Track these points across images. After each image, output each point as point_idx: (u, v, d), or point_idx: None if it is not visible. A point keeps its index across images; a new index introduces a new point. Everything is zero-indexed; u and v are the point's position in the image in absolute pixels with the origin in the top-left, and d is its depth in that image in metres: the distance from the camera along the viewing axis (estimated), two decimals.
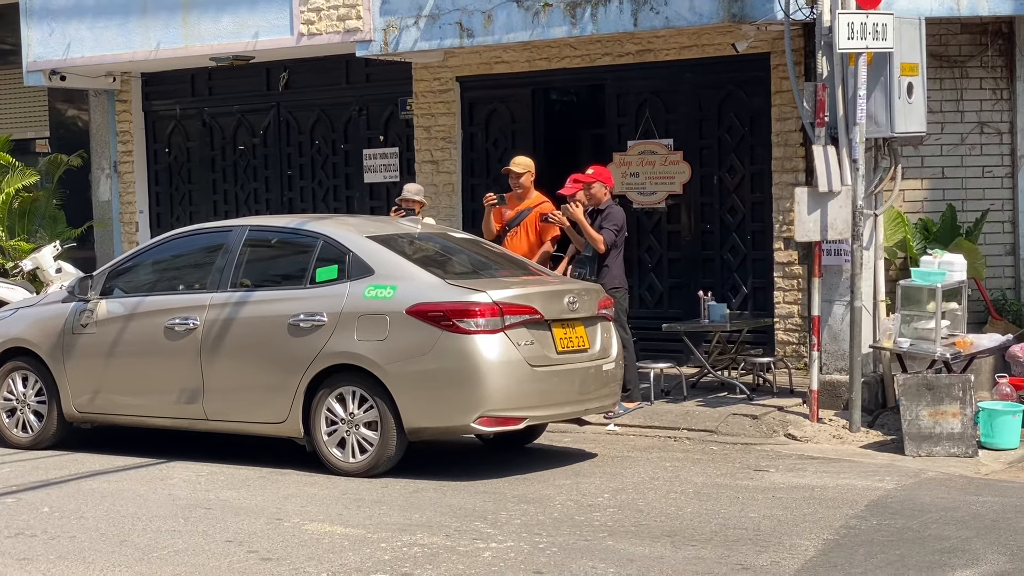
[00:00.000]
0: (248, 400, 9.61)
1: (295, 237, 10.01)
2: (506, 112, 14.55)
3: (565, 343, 9.46)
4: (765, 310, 13.10)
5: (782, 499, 8.48)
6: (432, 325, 8.99)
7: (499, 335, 9.03)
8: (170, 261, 10.56)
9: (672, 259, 13.75)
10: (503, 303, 9.11)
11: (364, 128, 15.51)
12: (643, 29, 12.40)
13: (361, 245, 9.53)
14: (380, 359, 9.07)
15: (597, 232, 11.57)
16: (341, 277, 9.44)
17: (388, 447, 9.12)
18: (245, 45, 14.44)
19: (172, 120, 16.78)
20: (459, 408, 9.01)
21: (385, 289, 9.21)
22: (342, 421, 9.25)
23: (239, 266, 9.88)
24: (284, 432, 9.50)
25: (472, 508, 8.24)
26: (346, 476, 9.15)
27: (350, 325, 9.19)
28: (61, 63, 15.62)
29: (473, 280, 9.49)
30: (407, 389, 9.03)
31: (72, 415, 10.30)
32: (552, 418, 9.82)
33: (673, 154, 13.55)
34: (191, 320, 9.78)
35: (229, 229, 10.27)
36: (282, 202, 15.95)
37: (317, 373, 9.28)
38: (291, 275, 9.85)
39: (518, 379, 9.09)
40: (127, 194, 16.87)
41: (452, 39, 13.17)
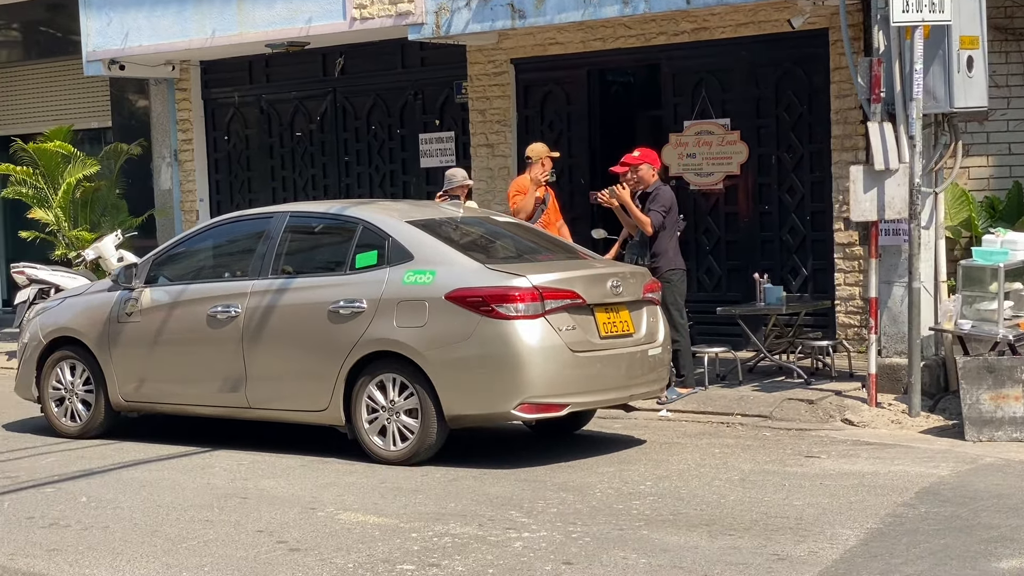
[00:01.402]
0: (289, 388, 9.52)
1: (335, 223, 9.89)
2: (561, 94, 14.37)
3: (609, 328, 9.27)
4: (825, 292, 12.83)
5: (830, 486, 8.23)
6: (471, 311, 8.84)
7: (539, 320, 8.86)
8: (213, 249, 10.50)
9: (730, 241, 13.51)
10: (543, 287, 8.93)
11: (420, 112, 15.41)
12: (696, 7, 12.18)
13: (400, 230, 9.40)
14: (419, 346, 8.94)
15: (645, 215, 11.35)
16: (381, 263, 9.31)
17: (429, 435, 9.00)
18: (299, 31, 14.38)
19: (231, 108, 16.80)
20: (499, 395, 8.85)
21: (424, 274, 9.07)
22: (383, 409, 9.13)
23: (280, 253, 9.79)
24: (325, 420, 9.41)
25: (509, 497, 8.09)
26: (387, 464, 9.04)
27: (389, 311, 9.07)
28: (119, 52, 15.67)
29: (514, 264, 9.32)
30: (447, 376, 8.89)
31: (119, 404, 10.29)
32: (595, 404, 9.63)
33: (730, 134, 13.30)
34: (233, 308, 9.71)
35: (270, 216, 10.18)
36: (339, 188, 15.90)
37: (357, 360, 9.17)
38: (331, 261, 9.75)
39: (559, 365, 8.91)
40: (187, 182, 16.92)
41: (504, 20, 13.01)
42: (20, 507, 8.06)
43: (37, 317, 10.88)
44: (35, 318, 10.90)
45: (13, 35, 18.83)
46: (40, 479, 8.88)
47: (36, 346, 10.65)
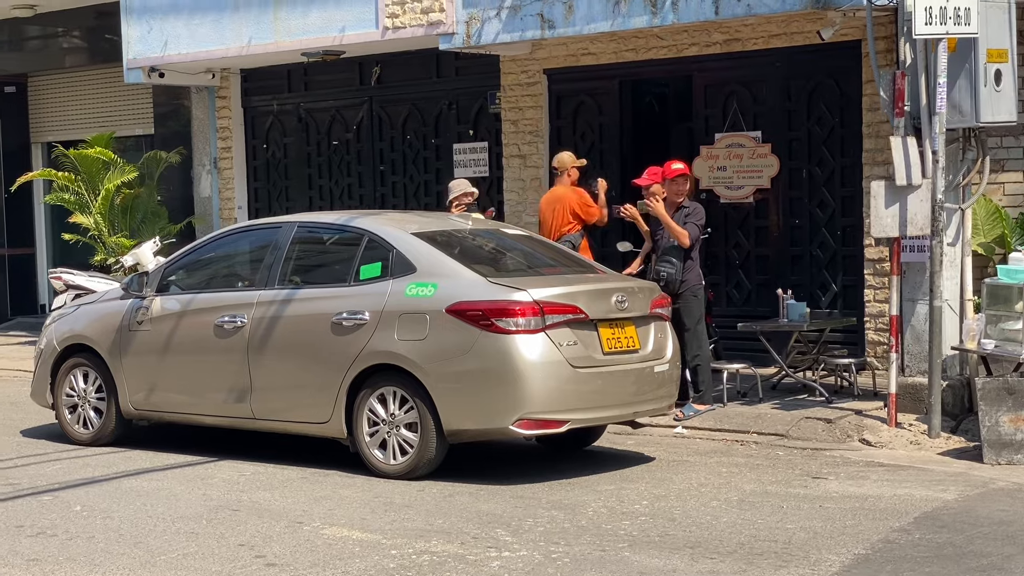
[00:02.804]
0: (293, 400, 9.49)
1: (341, 233, 9.85)
2: (593, 105, 14.26)
3: (613, 343, 9.14)
4: (855, 309, 12.60)
5: (828, 509, 8.06)
6: (471, 324, 8.75)
7: (540, 335, 8.75)
8: (223, 258, 10.51)
9: (760, 255, 13.32)
10: (544, 302, 8.82)
11: (454, 122, 15.37)
12: (724, 17, 11.98)
13: (405, 241, 9.33)
14: (420, 359, 8.87)
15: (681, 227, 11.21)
16: (384, 274, 9.25)
17: (428, 449, 8.92)
18: (332, 40, 14.39)
19: (270, 116, 16.85)
20: (498, 410, 8.75)
21: (426, 287, 9.00)
22: (383, 422, 9.08)
23: (287, 263, 9.77)
24: (327, 432, 9.37)
25: (500, 514, 8.00)
26: (387, 478, 8.99)
27: (391, 324, 9.01)
28: (159, 60, 15.78)
29: (517, 278, 9.22)
30: (446, 390, 8.81)
31: (129, 412, 10.31)
32: (597, 421, 9.50)
33: (761, 147, 13.12)
34: (239, 318, 9.70)
35: (279, 226, 10.16)
36: (375, 198, 15.89)
37: (359, 373, 9.12)
38: (336, 272, 9.69)
39: (559, 380, 8.79)
40: (226, 190, 17.00)
41: (533, 31, 12.92)
42: (12, 515, 8.09)
43: (53, 324, 10.96)
44: (51, 325, 10.98)
45: (59, 42, 19.03)
46: (40, 487, 8.92)
47: (51, 353, 10.71)
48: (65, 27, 18.71)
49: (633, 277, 11.43)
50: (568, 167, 12.54)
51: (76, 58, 18.89)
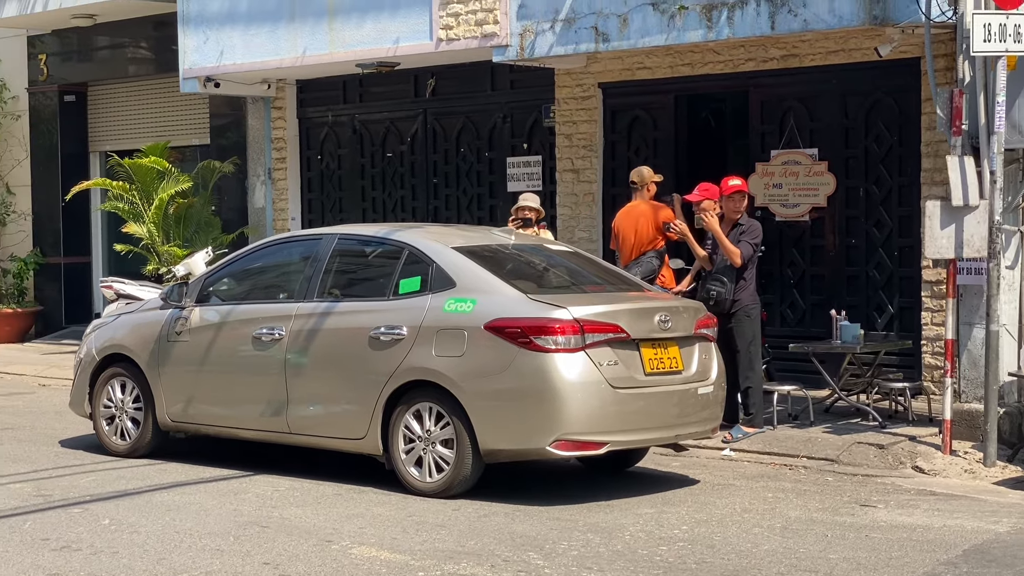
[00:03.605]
0: (329, 415, 9.35)
1: (381, 246, 9.71)
2: (648, 119, 14.05)
3: (655, 364, 8.91)
4: (912, 332, 12.29)
5: (875, 540, 7.79)
6: (509, 342, 8.56)
7: (579, 354, 8.54)
8: (262, 269, 10.38)
9: (815, 275, 13.05)
10: (584, 320, 8.60)
11: (508, 136, 15.22)
12: (780, 32, 11.76)
13: (445, 256, 9.16)
14: (457, 376, 8.69)
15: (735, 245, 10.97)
16: (423, 289, 9.09)
17: (463, 468, 8.74)
18: (386, 51, 14.29)
19: (325, 127, 16.79)
20: (535, 431, 8.55)
21: (465, 303, 8.81)
22: (419, 439, 8.91)
23: (326, 275, 9.62)
24: (363, 448, 9.21)
25: (534, 536, 7.80)
26: (422, 496, 8.83)
27: (429, 340, 8.84)
28: (215, 70, 15.76)
29: (557, 295, 9.01)
30: (483, 409, 8.62)
31: (165, 424, 10.21)
32: (638, 443, 9.27)
33: (818, 164, 12.85)
34: (277, 330, 9.57)
35: (319, 237, 10.03)
36: (427, 210, 15.77)
37: (395, 389, 8.95)
38: (376, 286, 9.54)
39: (599, 401, 8.58)
40: (280, 201, 16.95)
41: (587, 44, 12.74)
42: (39, 528, 7.98)
43: (93, 333, 10.88)
44: (91, 334, 10.90)
45: (118, 52, 19.09)
46: (71, 499, 8.82)
47: (90, 362, 10.64)
48: (124, 37, 18.76)
49: (679, 296, 11.25)
50: (648, 181, 12.35)
51: (134, 68, 18.94)
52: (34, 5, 17.84)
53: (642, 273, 11.77)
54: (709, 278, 11.21)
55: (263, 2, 15.11)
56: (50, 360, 16.73)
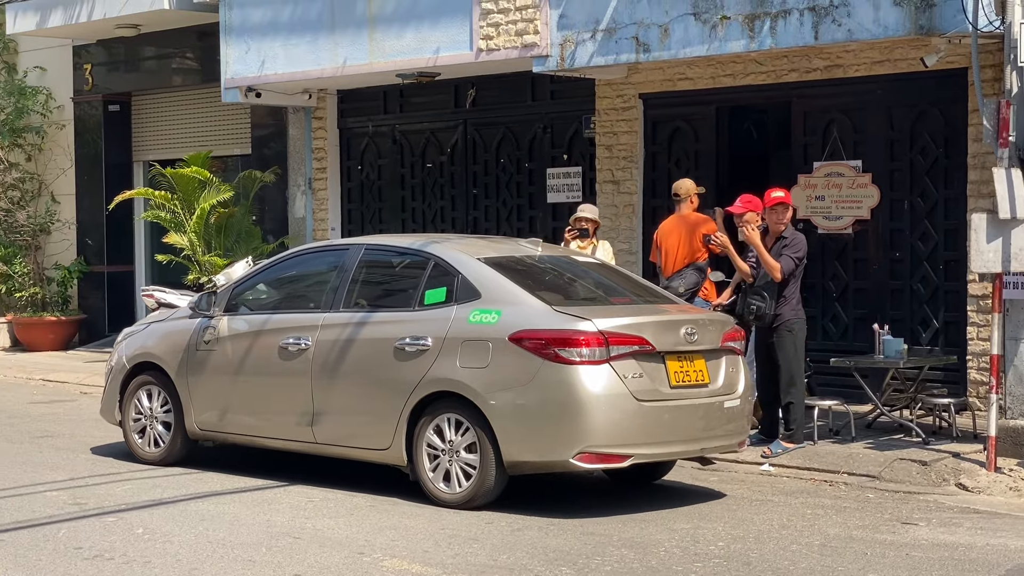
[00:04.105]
0: (355, 425, 9.31)
1: (408, 257, 9.71)
2: (689, 131, 13.94)
3: (680, 377, 8.84)
4: (957, 346, 12.11)
5: (915, 558, 7.64)
6: (534, 353, 8.52)
7: (603, 366, 8.47)
8: (291, 279, 10.39)
9: (858, 289, 12.88)
10: (609, 332, 8.54)
11: (548, 146, 15.15)
12: (824, 43, 11.64)
13: (470, 267, 9.14)
14: (481, 387, 8.65)
15: (775, 259, 10.83)
16: (449, 300, 9.06)
17: (487, 479, 8.69)
18: (426, 61, 14.24)
19: (365, 137, 16.77)
20: (559, 443, 8.49)
21: (490, 314, 8.78)
22: (443, 451, 8.87)
23: (353, 286, 9.61)
24: (388, 459, 9.17)
25: (567, 551, 7.70)
26: (445, 507, 8.78)
27: (453, 351, 8.80)
28: (256, 80, 15.77)
29: (583, 307, 8.96)
30: (506, 421, 8.57)
31: (194, 432, 10.20)
32: (662, 456, 9.20)
33: (861, 176, 12.69)
34: (303, 340, 9.55)
35: (346, 248, 10.05)
36: (467, 221, 15.71)
37: (420, 400, 8.93)
38: (401, 296, 9.55)
39: (623, 414, 8.51)
40: (320, 211, 16.94)
41: (628, 54, 12.67)
42: (74, 536, 7.96)
43: (123, 341, 10.91)
44: (122, 342, 10.93)
45: (162, 62, 19.16)
46: (107, 507, 8.79)
47: (120, 370, 10.66)
48: (168, 47, 18.82)
49: (719, 308, 11.15)
50: (691, 194, 12.24)
51: (178, 78, 19.00)
52: (79, 15, 17.91)
53: (685, 285, 11.71)
54: (750, 292, 11.07)
55: (304, 12, 15.12)
56: (93, 368, 16.77)
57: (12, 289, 19.41)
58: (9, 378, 16.62)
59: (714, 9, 12.00)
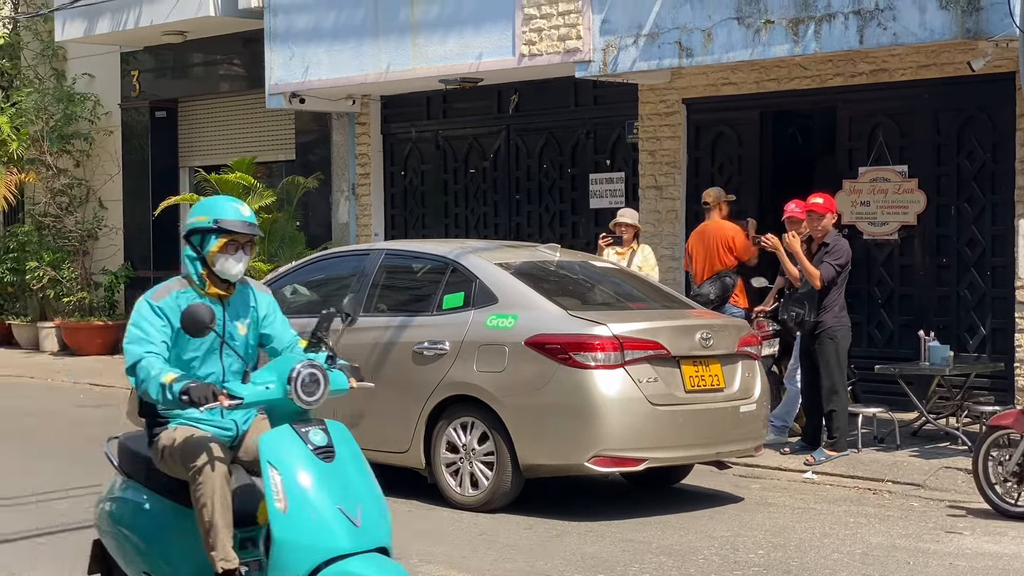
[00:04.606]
0: (374, 428, 9.35)
1: (426, 262, 9.85)
2: (733, 136, 13.85)
3: (696, 381, 8.88)
4: (1005, 353, 11.95)
5: (959, 568, 7.54)
6: (549, 358, 8.60)
7: (618, 371, 8.54)
8: (312, 283, 10.53)
9: (904, 295, 12.74)
10: (624, 337, 8.61)
11: (591, 152, 15.09)
12: (869, 47, 11.52)
13: (488, 272, 9.23)
14: (497, 391, 8.74)
15: (816, 266, 10.73)
16: (467, 304, 9.17)
17: (503, 482, 8.78)
18: (469, 66, 14.23)
19: (408, 143, 16.78)
20: (574, 446, 8.56)
21: (506, 319, 8.88)
22: (460, 453, 8.97)
23: (373, 290, 9.75)
24: (406, 462, 9.28)
25: (605, 558, 7.65)
26: (463, 509, 8.88)
27: (471, 355, 8.90)
28: (300, 86, 15.81)
29: (599, 312, 9.06)
30: (522, 424, 8.67)
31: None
32: (677, 460, 9.23)
33: (907, 182, 12.56)
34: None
35: (367, 252, 10.24)
36: (510, 227, 15.68)
37: (438, 403, 9.04)
38: (420, 301, 9.69)
39: (637, 418, 8.58)
40: (363, 216, 16.96)
41: (671, 59, 12.59)
42: None
43: None
44: None
45: (207, 69, 19.27)
46: None
47: None
48: (214, 54, 18.93)
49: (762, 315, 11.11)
50: (720, 201, 12.42)
51: (224, 84, 19.10)
52: (126, 22, 18.04)
53: (715, 292, 11.80)
54: (791, 299, 10.98)
55: (348, 18, 15.14)
56: None
57: (60, 294, 19.56)
58: (56, 382, 16.73)
59: (758, 13, 11.91)
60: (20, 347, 20.06)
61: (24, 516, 8.59)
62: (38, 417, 13.42)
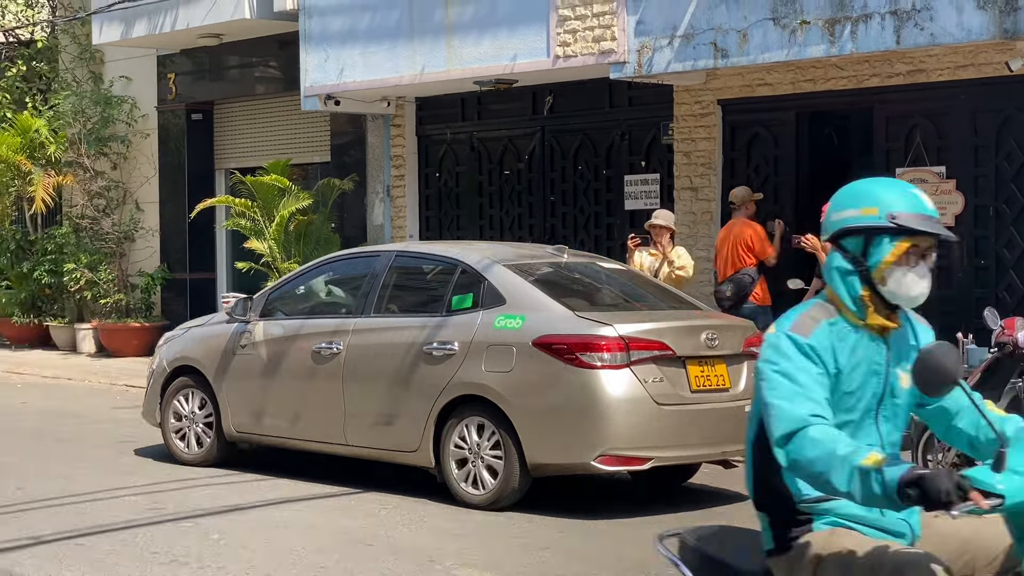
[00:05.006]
0: (384, 428, 9.50)
1: (436, 264, 9.99)
2: (768, 137, 13.80)
3: (701, 381, 8.96)
4: None
5: None
6: (555, 358, 8.70)
7: (624, 371, 8.63)
8: (324, 285, 10.67)
9: (942, 297, 12.59)
10: (630, 337, 8.72)
11: (626, 153, 15.07)
12: (906, 47, 11.47)
13: (496, 273, 9.33)
14: (505, 391, 8.83)
15: None
16: (475, 305, 9.27)
17: (511, 481, 8.86)
18: (504, 68, 14.24)
19: (443, 144, 16.80)
20: (580, 445, 8.64)
21: (514, 319, 8.98)
22: (469, 452, 9.05)
23: (383, 291, 9.86)
24: (416, 461, 9.37)
25: (641, 560, 7.60)
26: (472, 508, 8.95)
27: (479, 355, 8.99)
28: (335, 88, 15.85)
29: (605, 312, 9.17)
30: (530, 423, 8.75)
31: (231, 434, 10.44)
32: (683, 459, 9.28)
33: (945, 183, 12.48)
34: (335, 345, 9.79)
35: (377, 254, 10.35)
36: (544, 229, 15.68)
37: (447, 403, 9.11)
38: (430, 302, 9.77)
39: (643, 417, 8.67)
40: (398, 218, 16.99)
41: (706, 60, 12.56)
42: (150, 541, 8.02)
43: (164, 345, 11.20)
44: (163, 346, 11.23)
45: (243, 71, 19.33)
46: (183, 513, 8.87)
47: (161, 373, 10.93)
48: (250, 56, 19.00)
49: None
50: (746, 201, 12.70)
51: (260, 86, 19.17)
52: (163, 25, 18.12)
53: (732, 290, 12.20)
54: None
55: (383, 20, 15.17)
56: None
57: (97, 296, 19.68)
58: (94, 383, 16.83)
59: (793, 14, 11.87)
60: (57, 348, 20.20)
61: (62, 517, 8.63)
62: (76, 419, 13.51)
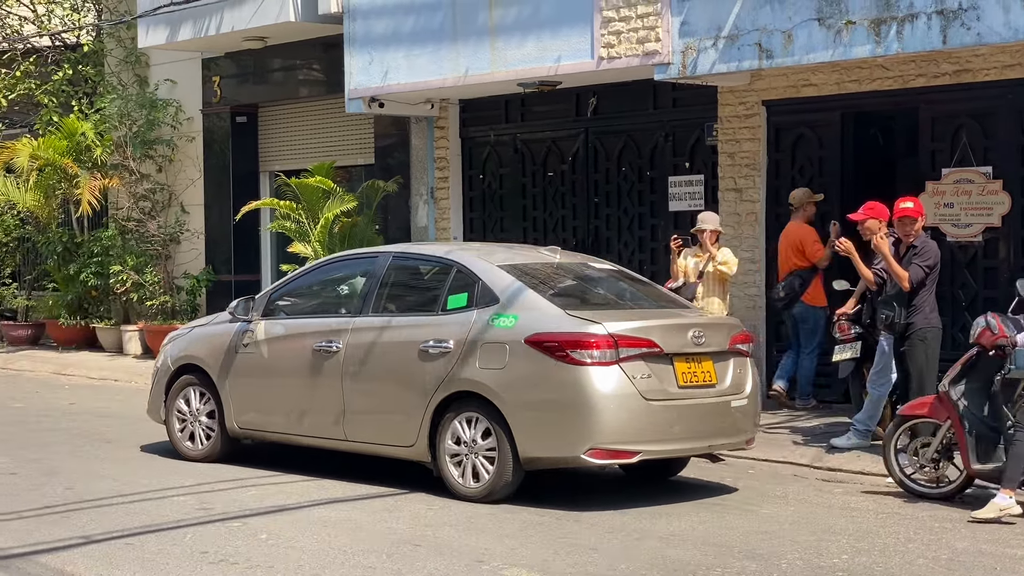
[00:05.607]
0: (382, 423, 9.77)
1: (432, 264, 10.28)
2: (813, 137, 13.76)
3: (688, 377, 9.24)
4: None
5: None
6: (547, 356, 8.96)
7: (613, 367, 8.90)
8: (324, 285, 10.97)
9: (988, 298, 12.57)
10: (618, 335, 8.96)
11: (670, 154, 15.05)
12: (952, 47, 11.40)
13: (490, 273, 9.59)
14: (499, 388, 9.11)
15: (904, 268, 10.66)
16: (470, 305, 9.53)
17: (505, 474, 9.13)
18: (547, 70, 14.25)
19: (487, 146, 16.82)
20: (570, 440, 8.93)
21: (508, 318, 9.25)
22: (464, 447, 9.30)
23: (381, 291, 10.12)
24: (413, 456, 9.64)
25: (687, 561, 7.64)
26: (467, 501, 9.19)
27: (473, 353, 9.27)
28: (379, 90, 15.91)
29: (595, 311, 9.40)
30: (522, 419, 9.03)
31: (234, 431, 10.72)
32: (670, 453, 9.54)
33: (992, 183, 12.41)
34: (335, 343, 10.04)
35: (376, 255, 10.60)
36: (588, 231, 15.69)
37: (443, 399, 9.38)
38: (426, 301, 10.03)
39: (631, 412, 8.93)
40: (442, 220, 17.04)
41: (751, 61, 12.53)
42: (200, 541, 8.10)
43: (169, 344, 11.43)
44: (168, 345, 11.45)
45: (288, 74, 19.42)
46: (232, 512, 8.94)
47: (165, 371, 11.21)
48: (294, 59, 19.09)
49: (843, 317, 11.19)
50: (803, 203, 13.01)
51: (304, 89, 19.25)
52: (208, 29, 18.24)
53: (783, 291, 12.79)
54: (881, 302, 10.91)
55: (426, 23, 15.22)
56: None
57: (143, 298, 19.82)
58: (140, 384, 16.95)
59: (838, 14, 11.83)
60: (104, 350, 20.35)
61: (111, 517, 8.72)
62: (123, 419, 13.63)
